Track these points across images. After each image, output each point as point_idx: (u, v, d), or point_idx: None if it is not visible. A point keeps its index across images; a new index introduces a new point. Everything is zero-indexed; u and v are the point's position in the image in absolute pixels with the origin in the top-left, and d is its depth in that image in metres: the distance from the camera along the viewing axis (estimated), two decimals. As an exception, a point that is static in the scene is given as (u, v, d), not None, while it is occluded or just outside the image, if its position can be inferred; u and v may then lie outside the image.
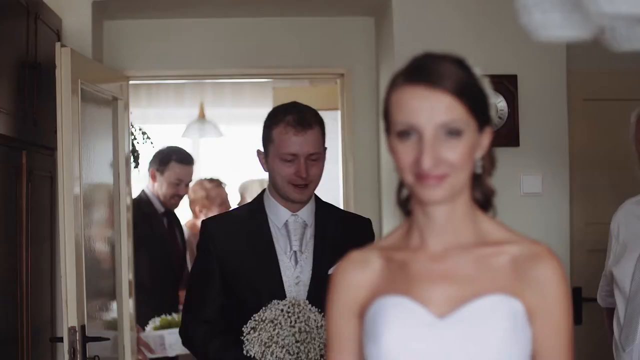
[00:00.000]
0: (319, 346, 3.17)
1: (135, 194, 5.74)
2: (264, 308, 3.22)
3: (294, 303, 3.22)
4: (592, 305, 4.81)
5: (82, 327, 4.20)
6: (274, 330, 3.16)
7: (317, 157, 3.41)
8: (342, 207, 5.92)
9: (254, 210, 3.49)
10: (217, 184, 6.74)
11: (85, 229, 4.41)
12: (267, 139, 3.42)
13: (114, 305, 5.01)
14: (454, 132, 1.92)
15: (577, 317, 5.25)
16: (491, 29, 5.20)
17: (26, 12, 4.16)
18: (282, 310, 3.19)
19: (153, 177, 5.93)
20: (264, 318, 3.19)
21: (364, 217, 3.66)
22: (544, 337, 2.00)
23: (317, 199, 3.55)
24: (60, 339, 4.28)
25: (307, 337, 3.17)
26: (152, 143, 6.05)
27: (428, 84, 1.92)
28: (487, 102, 2.01)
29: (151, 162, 5.99)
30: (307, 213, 3.46)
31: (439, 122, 1.91)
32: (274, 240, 3.41)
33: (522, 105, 5.22)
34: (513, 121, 5.19)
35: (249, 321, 3.20)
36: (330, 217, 3.51)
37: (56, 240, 4.43)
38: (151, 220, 5.84)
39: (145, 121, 7.43)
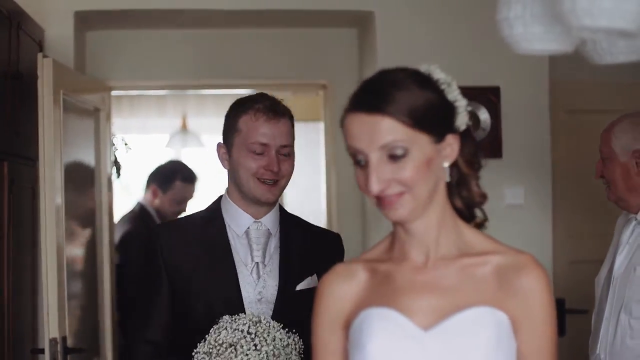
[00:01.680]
0: None
1: (118, 205, 5.72)
2: (216, 327, 2.75)
3: (255, 320, 2.73)
4: (576, 316, 4.82)
5: (64, 339, 4.18)
6: (235, 357, 2.67)
7: (289, 151, 3.01)
8: (325, 218, 5.92)
9: (211, 215, 3.07)
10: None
11: (67, 240, 4.39)
12: (231, 128, 3.03)
13: (95, 316, 4.99)
14: (398, 152, 1.96)
15: (561, 328, 5.26)
16: (474, 40, 5.21)
17: (8, 22, 4.15)
18: (242, 332, 2.70)
19: (154, 194, 5.89)
20: (220, 341, 2.70)
21: (333, 232, 3.29)
22: (528, 347, 2.01)
23: (282, 208, 3.14)
24: (42, 351, 4.26)
25: None
26: (128, 152, 6.01)
27: (366, 110, 2.00)
28: (446, 111, 2.03)
29: (152, 178, 5.95)
30: (271, 220, 3.04)
31: (380, 145, 1.96)
32: (233, 250, 2.99)
33: (505, 116, 5.23)
34: (496, 133, 5.20)
35: (200, 344, 2.74)
36: (296, 227, 3.10)
37: (38, 251, 4.41)
38: None
39: (128, 131, 7.42)
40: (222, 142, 3.08)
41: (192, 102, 8.67)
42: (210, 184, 7.99)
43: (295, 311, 2.86)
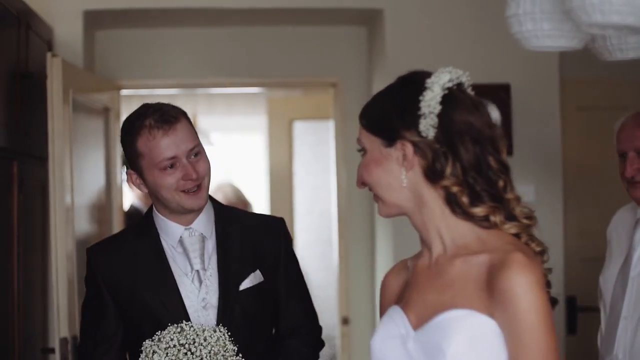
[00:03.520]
0: None
1: (127, 203, 5.72)
2: (143, 356, 2.70)
3: (178, 330, 2.71)
4: (587, 314, 4.80)
5: (74, 338, 4.18)
6: None
7: (198, 149, 2.88)
8: (336, 217, 5.91)
9: (144, 229, 2.97)
10: (235, 189, 6.63)
11: (77, 239, 4.39)
12: (133, 155, 2.88)
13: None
14: (362, 151, 2.16)
15: (572, 326, 5.24)
16: (484, 37, 5.19)
17: (17, 22, 4.15)
18: (174, 347, 2.66)
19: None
20: None
21: (274, 217, 3.15)
22: (512, 357, 1.91)
23: (216, 204, 3.04)
24: (52, 350, 4.26)
25: None
26: None
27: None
28: (400, 115, 2.07)
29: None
30: (203, 223, 2.94)
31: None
32: (170, 260, 2.90)
33: (515, 114, 5.22)
34: (506, 130, 5.18)
35: None
36: (232, 223, 2.99)
37: (48, 250, 4.41)
38: None
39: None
40: (129, 169, 2.94)
41: (202, 100, 8.68)
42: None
43: (240, 311, 2.88)
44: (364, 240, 5.78)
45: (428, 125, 2.02)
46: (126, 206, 5.84)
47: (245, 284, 2.92)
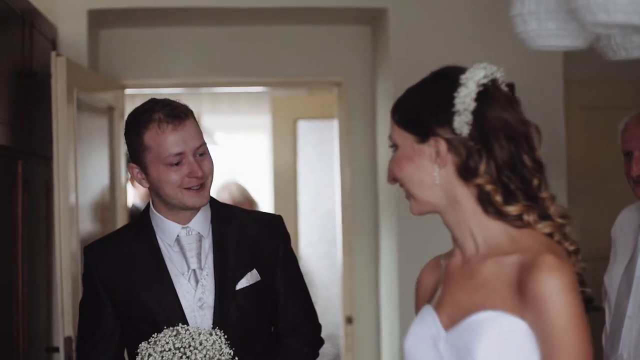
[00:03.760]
0: None
1: (128, 203, 5.72)
2: (144, 345, 2.70)
3: (174, 334, 2.69)
4: (592, 313, 4.79)
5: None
6: None
7: (204, 149, 2.86)
8: (340, 216, 5.91)
9: (141, 228, 2.94)
10: (241, 187, 6.58)
11: (81, 238, 4.40)
12: (138, 148, 2.84)
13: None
14: (389, 145, 2.13)
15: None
16: (488, 37, 5.19)
17: (21, 21, 4.15)
18: (170, 350, 2.65)
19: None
20: None
21: (273, 215, 3.13)
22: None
23: (214, 203, 3.00)
24: (57, 349, 4.27)
25: None
26: None
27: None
28: (419, 112, 2.06)
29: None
30: (200, 222, 2.91)
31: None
32: (167, 259, 2.87)
33: (519, 113, 5.21)
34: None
35: None
36: (229, 222, 2.96)
37: (52, 249, 4.41)
38: None
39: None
40: (132, 163, 2.90)
41: (206, 100, 8.68)
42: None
43: (237, 311, 2.86)
44: (368, 239, 5.78)
45: (462, 123, 1.99)
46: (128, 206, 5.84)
47: (241, 284, 2.89)
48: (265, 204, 7.85)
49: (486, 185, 1.99)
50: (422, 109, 2.05)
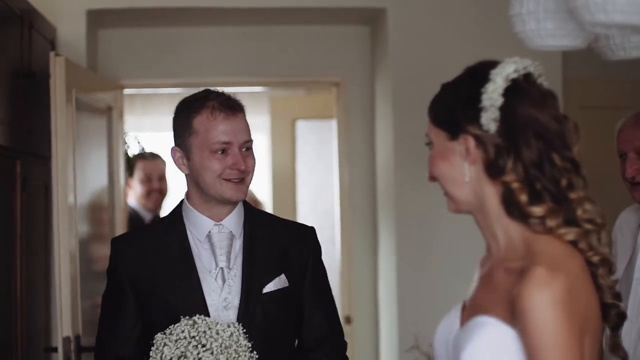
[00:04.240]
0: None
1: (129, 202, 5.71)
2: (154, 349, 2.66)
3: (190, 323, 2.66)
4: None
5: (77, 337, 4.19)
6: None
7: (250, 145, 2.87)
8: (338, 216, 5.91)
9: (171, 222, 2.91)
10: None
11: (79, 238, 4.40)
12: (185, 131, 2.84)
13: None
14: (426, 143, 2.10)
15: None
16: (487, 36, 5.19)
17: (20, 21, 4.15)
18: (185, 339, 2.63)
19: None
20: (167, 359, 2.62)
21: (306, 225, 3.08)
22: None
23: (247, 205, 2.97)
24: (55, 349, 4.26)
25: None
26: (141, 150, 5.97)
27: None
28: (450, 109, 2.03)
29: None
30: (233, 222, 2.88)
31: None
32: (195, 256, 2.84)
33: (518, 113, 5.21)
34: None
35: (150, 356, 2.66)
36: (262, 226, 2.93)
37: (51, 249, 4.41)
38: None
39: (141, 130, 7.42)
40: (175, 146, 2.89)
41: (205, 100, 8.66)
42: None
43: (262, 314, 2.81)
44: (367, 239, 5.78)
45: (489, 119, 1.94)
46: (131, 201, 5.82)
47: (269, 287, 2.85)
48: (264, 204, 7.86)
49: (513, 184, 1.93)
50: (453, 105, 2.02)
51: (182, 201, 2.94)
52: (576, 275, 1.87)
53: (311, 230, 3.05)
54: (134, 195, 5.85)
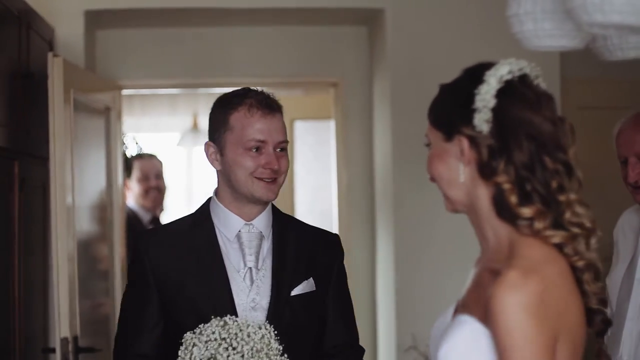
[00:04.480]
0: None
1: (127, 203, 5.71)
2: (183, 348, 2.59)
3: (221, 324, 2.59)
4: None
5: (75, 338, 4.18)
6: None
7: (285, 147, 2.86)
8: (336, 217, 5.91)
9: (200, 220, 2.87)
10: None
11: (78, 239, 4.39)
12: (221, 127, 2.83)
13: (107, 315, 5.00)
14: (428, 145, 2.10)
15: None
16: (485, 37, 5.19)
17: (18, 21, 4.15)
18: (215, 340, 2.56)
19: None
20: (193, 357, 2.55)
21: (331, 233, 3.08)
22: None
23: (275, 208, 2.95)
24: (53, 350, 4.26)
25: None
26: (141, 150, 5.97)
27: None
28: (446, 110, 2.03)
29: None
30: (263, 222, 2.85)
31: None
32: (224, 255, 2.80)
33: (516, 113, 5.21)
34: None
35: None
36: (290, 228, 2.92)
37: (49, 250, 4.41)
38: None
39: (140, 130, 7.42)
40: (209, 141, 2.87)
41: (203, 100, 8.67)
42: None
43: (290, 317, 2.79)
44: (365, 240, 5.78)
45: (482, 120, 1.94)
46: (129, 201, 5.82)
47: (297, 290, 2.83)
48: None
49: (504, 185, 1.93)
50: (449, 106, 2.03)
51: (210, 198, 2.91)
52: (552, 280, 1.86)
53: (337, 238, 3.05)
54: (132, 196, 5.84)
